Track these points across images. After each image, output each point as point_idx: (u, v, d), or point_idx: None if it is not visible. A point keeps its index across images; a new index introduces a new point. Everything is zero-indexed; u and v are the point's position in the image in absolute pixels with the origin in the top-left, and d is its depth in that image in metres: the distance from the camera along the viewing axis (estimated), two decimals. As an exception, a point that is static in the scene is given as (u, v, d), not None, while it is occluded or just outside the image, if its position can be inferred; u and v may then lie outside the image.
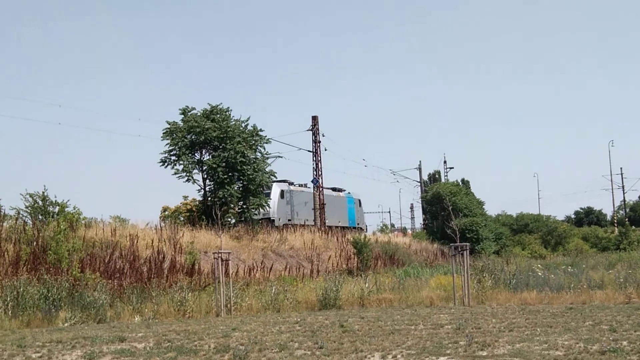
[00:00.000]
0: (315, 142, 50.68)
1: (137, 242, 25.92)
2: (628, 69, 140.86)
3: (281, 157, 47.47)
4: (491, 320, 16.45)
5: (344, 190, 55.63)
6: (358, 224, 55.51)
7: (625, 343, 12.24)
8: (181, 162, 35.53)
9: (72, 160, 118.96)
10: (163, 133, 36.17)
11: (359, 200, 57.41)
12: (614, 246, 55.26)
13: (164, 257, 25.71)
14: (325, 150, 51.81)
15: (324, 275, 29.48)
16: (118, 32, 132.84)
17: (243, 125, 37.63)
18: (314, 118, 50.97)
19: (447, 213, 43.58)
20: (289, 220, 44.82)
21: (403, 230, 68.07)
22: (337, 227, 48.02)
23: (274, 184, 43.23)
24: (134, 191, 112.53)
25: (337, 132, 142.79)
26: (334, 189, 53.90)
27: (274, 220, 42.46)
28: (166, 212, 38.31)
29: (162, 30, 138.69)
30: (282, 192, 44.57)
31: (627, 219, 76.96)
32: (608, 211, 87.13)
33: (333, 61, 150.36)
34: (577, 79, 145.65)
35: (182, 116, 36.97)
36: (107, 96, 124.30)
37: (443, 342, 13.13)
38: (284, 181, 45.83)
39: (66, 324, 18.04)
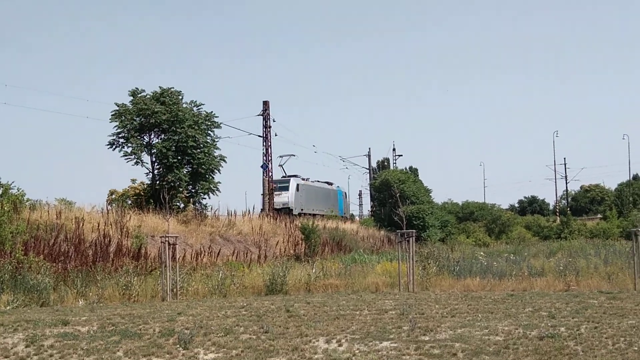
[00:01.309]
0: (265, 127, 50.58)
1: (82, 225, 25.58)
2: (572, 60, 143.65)
3: (294, 155, 57.51)
4: (434, 306, 16.73)
5: (333, 184, 62.69)
6: (345, 213, 63.56)
7: (563, 329, 12.60)
8: (130, 144, 35.11)
9: (17, 141, 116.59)
10: (111, 115, 35.65)
11: (346, 193, 66.93)
12: (555, 235, 56.43)
13: (110, 241, 25.45)
14: (276, 135, 51.83)
15: (272, 260, 29.56)
16: (69, 9, 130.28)
17: (195, 109, 37.36)
18: (265, 103, 50.85)
19: (395, 200, 44.07)
20: (302, 209, 51.85)
21: (351, 217, 68.56)
22: (324, 215, 53.19)
23: (291, 179, 52.56)
24: (80, 174, 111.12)
25: (288, 118, 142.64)
26: (327, 183, 61.39)
27: (292, 209, 50.08)
28: (113, 196, 37.86)
29: (114, 10, 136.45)
30: (297, 186, 52.57)
31: (568, 209, 78.75)
32: (551, 200, 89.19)
33: (284, 46, 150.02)
34: (523, 70, 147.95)
35: (132, 98, 36.49)
36: (53, 76, 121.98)
37: (387, 327, 13.35)
38: (296, 176, 53.98)
39: (8, 307, 17.76)
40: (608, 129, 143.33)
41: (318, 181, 59.89)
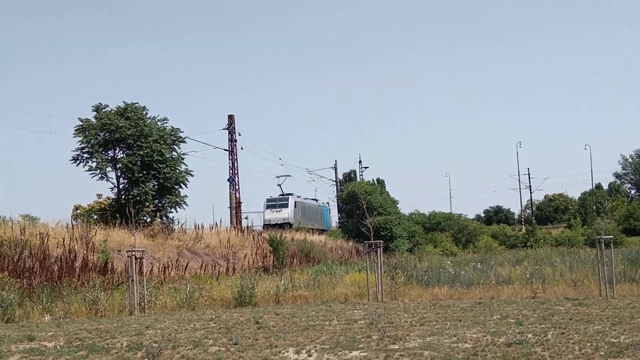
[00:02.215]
0: (231, 141, 50.58)
1: (47, 240, 25.26)
2: (535, 72, 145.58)
3: (290, 176, 65.85)
4: (403, 315, 16.79)
5: (319, 200, 68.70)
6: (329, 227, 68.48)
7: (530, 335, 12.72)
8: (94, 159, 34.82)
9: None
10: (75, 130, 35.39)
11: (329, 209, 71.96)
12: (521, 243, 56.95)
13: (75, 256, 25.16)
14: (242, 149, 51.96)
15: (240, 273, 29.43)
16: (29, 23, 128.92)
17: (160, 124, 37.18)
18: (230, 117, 50.86)
19: (362, 212, 44.15)
20: (299, 223, 55.91)
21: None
22: (315, 229, 57.88)
23: (290, 197, 58.19)
24: (44, 190, 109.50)
25: (254, 131, 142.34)
26: (314, 199, 67.27)
27: (292, 224, 55.00)
28: (78, 211, 37.50)
29: (76, 27, 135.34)
30: (295, 203, 58.16)
31: (534, 218, 79.50)
32: (516, 210, 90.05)
33: (249, 61, 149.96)
34: (487, 81, 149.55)
35: (95, 113, 36.22)
36: (16, 92, 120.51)
37: (356, 336, 13.36)
38: (292, 194, 59.25)
39: (-27, 325, 17.48)
40: (570, 140, 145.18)
41: (308, 199, 65.17)
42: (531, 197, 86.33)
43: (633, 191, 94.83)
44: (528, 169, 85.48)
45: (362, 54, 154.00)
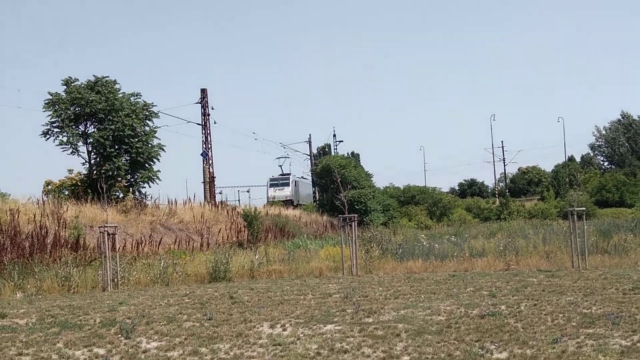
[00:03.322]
0: (204, 115, 50.16)
1: (18, 217, 24.89)
2: (509, 44, 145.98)
3: (289, 157, 71.51)
4: (378, 289, 16.84)
5: (308, 178, 73.20)
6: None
7: (503, 307, 12.82)
8: (65, 134, 34.33)
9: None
10: (45, 104, 34.78)
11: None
12: (495, 216, 57.44)
13: (47, 232, 24.84)
14: (215, 123, 51.36)
15: (215, 248, 29.30)
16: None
17: (132, 99, 36.69)
18: (203, 91, 50.37)
19: (337, 186, 44.13)
20: (298, 201, 63.13)
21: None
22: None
23: (290, 176, 65.73)
24: (14, 165, 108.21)
25: (227, 105, 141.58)
26: (304, 178, 72.18)
27: (292, 201, 61.06)
28: (49, 187, 37.00)
29: (47, 1, 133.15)
30: (295, 182, 65.08)
31: (507, 190, 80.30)
32: (490, 183, 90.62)
33: (222, 34, 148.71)
34: (461, 54, 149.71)
35: (65, 87, 35.67)
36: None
37: (331, 310, 13.37)
38: (290, 174, 66.79)
39: (-58, 303, 17.24)
40: (543, 112, 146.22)
41: (303, 177, 72.03)
42: (505, 170, 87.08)
43: (606, 163, 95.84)
44: (502, 141, 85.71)
45: (337, 31, 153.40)
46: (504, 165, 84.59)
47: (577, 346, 9.36)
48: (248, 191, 77.74)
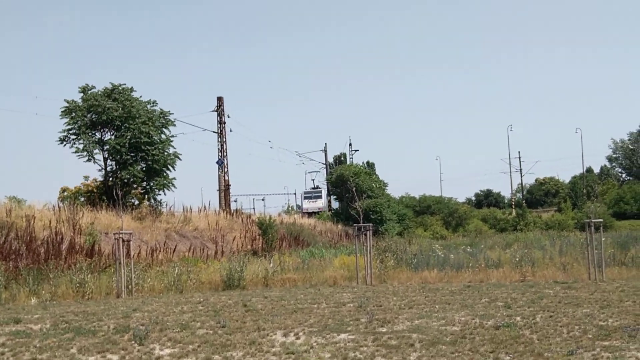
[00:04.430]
0: (220, 123, 50.30)
1: (33, 223, 25.05)
2: (527, 55, 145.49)
3: (319, 172, 75.05)
4: (392, 299, 16.74)
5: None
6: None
7: (518, 318, 12.70)
8: (81, 141, 34.52)
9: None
10: (62, 111, 35.05)
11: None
12: (511, 227, 57.06)
13: (62, 238, 24.97)
14: (231, 131, 51.52)
15: (229, 256, 29.31)
16: (14, 6, 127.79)
17: (149, 107, 36.87)
18: (219, 99, 50.53)
19: (352, 195, 44.10)
20: (328, 210, 67.17)
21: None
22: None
23: (322, 189, 71.17)
24: (31, 171, 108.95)
25: (243, 113, 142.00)
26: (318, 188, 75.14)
27: (324, 211, 65.15)
28: (65, 193, 37.20)
29: (61, 6, 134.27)
30: (326, 195, 70.23)
31: (524, 201, 79.81)
32: (506, 193, 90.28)
33: (238, 41, 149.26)
34: (479, 64, 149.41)
35: (82, 94, 35.89)
36: (1, 73, 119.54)
37: (345, 319, 13.30)
38: (320, 187, 72.03)
39: (-42, 307, 17.32)
40: (561, 123, 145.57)
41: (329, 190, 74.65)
42: (522, 180, 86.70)
43: (624, 175, 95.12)
44: (519, 152, 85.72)
45: (353, 41, 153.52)
46: (521, 176, 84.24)
47: (593, 358, 9.27)
48: (263, 199, 78.41)
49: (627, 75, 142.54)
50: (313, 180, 76.41)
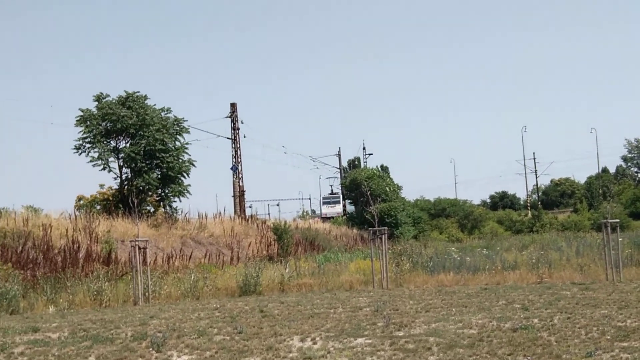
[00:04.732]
0: (234, 130, 50.43)
1: (50, 232, 25.22)
2: (541, 55, 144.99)
3: (337, 177, 74.80)
4: (408, 302, 16.72)
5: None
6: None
7: (536, 320, 12.66)
8: (96, 149, 34.70)
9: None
10: (76, 120, 35.26)
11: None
12: (527, 229, 56.76)
13: (79, 247, 25.12)
14: (245, 137, 51.71)
15: (245, 261, 29.37)
16: (29, 16, 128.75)
17: (163, 114, 37.03)
18: (233, 105, 50.67)
19: (366, 199, 44.05)
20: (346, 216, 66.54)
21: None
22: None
23: (339, 195, 70.69)
24: (47, 180, 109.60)
25: (257, 119, 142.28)
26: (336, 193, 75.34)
27: (343, 216, 65.52)
28: (81, 202, 37.40)
29: (78, 16, 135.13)
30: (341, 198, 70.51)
31: (539, 203, 79.37)
32: (521, 195, 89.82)
33: (252, 49, 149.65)
34: (492, 65, 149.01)
35: (97, 103, 36.10)
36: (17, 82, 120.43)
37: (361, 324, 13.30)
38: (338, 193, 71.84)
39: (-23, 317, 17.44)
40: (576, 124, 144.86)
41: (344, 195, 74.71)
42: (537, 181, 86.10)
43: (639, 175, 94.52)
44: (534, 153, 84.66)
45: (366, 44, 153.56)
46: (536, 177, 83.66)
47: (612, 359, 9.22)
48: (278, 205, 78.38)
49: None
50: (331, 186, 75.56)
